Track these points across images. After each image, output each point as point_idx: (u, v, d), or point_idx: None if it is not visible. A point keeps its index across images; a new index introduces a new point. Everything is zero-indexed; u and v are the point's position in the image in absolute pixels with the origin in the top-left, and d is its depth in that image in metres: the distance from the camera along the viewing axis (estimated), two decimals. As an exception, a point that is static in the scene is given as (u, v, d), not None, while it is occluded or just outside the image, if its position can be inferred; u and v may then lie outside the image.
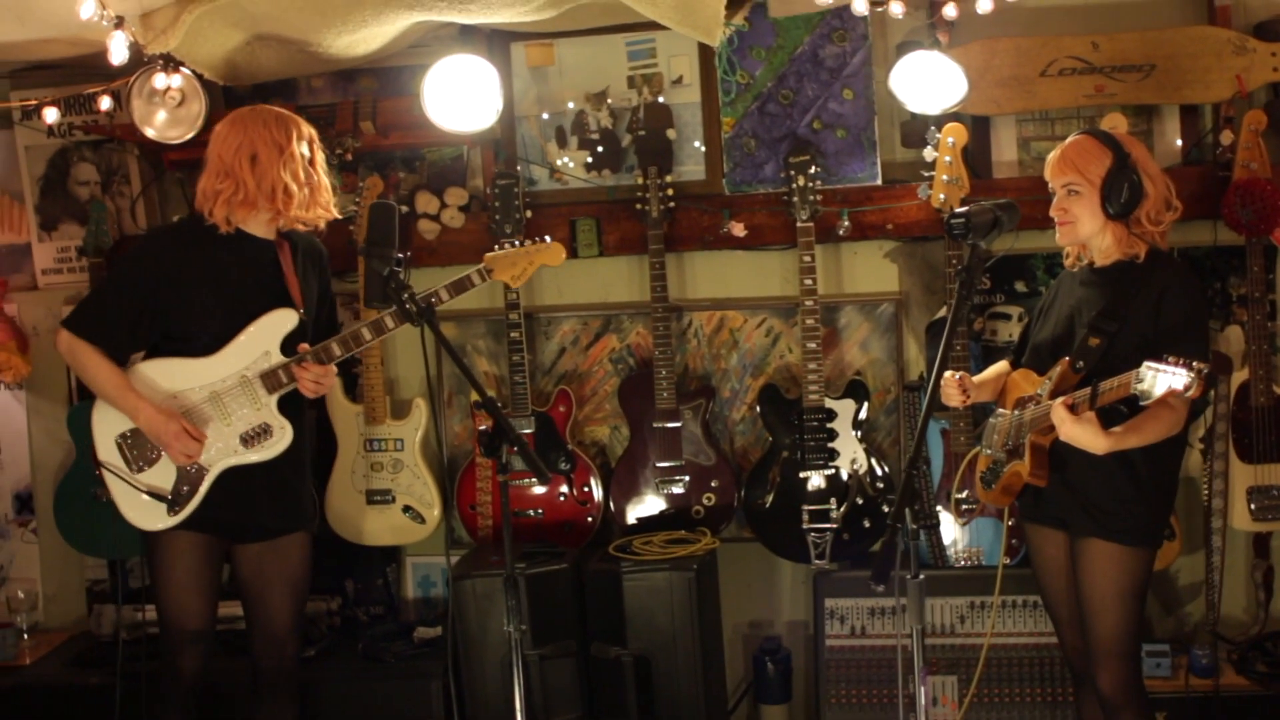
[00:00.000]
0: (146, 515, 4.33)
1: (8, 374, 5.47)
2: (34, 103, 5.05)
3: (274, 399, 4.32)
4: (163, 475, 4.32)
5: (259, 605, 4.48)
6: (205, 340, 4.31)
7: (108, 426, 4.37)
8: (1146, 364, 3.51)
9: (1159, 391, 3.47)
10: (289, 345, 4.34)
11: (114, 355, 4.30)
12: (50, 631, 5.77)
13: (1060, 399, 3.83)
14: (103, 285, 4.39)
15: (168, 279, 4.29)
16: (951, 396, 4.16)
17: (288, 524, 4.46)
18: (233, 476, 4.33)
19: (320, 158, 4.43)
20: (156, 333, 4.33)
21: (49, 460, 5.74)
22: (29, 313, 5.64)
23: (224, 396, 4.30)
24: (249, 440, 4.32)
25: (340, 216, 4.56)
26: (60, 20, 4.22)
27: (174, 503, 4.30)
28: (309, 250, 4.54)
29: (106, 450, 4.38)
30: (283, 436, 4.34)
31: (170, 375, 4.32)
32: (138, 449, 4.34)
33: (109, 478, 4.37)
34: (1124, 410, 3.83)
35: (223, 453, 4.31)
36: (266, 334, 4.32)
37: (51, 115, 4.98)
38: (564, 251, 4.71)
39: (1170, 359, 3.46)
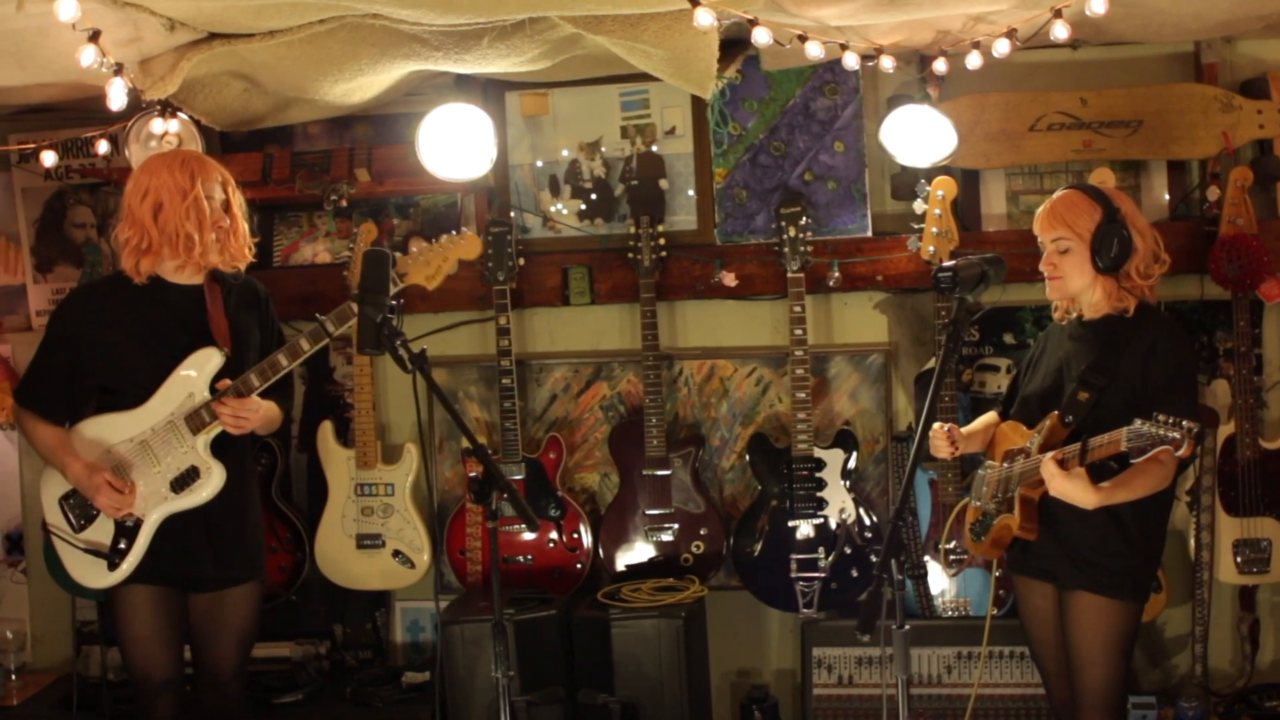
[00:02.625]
0: (89, 573, 4.35)
1: (0, 414, 5.47)
2: (32, 146, 5.08)
3: (200, 440, 4.30)
4: (101, 531, 4.33)
5: (204, 650, 4.48)
6: (135, 393, 4.32)
7: (52, 489, 4.41)
8: (1137, 421, 3.53)
9: (1150, 450, 3.50)
10: (217, 385, 4.32)
11: (54, 418, 4.34)
12: (38, 672, 5.76)
13: (1050, 454, 3.85)
14: (37, 351, 4.40)
15: (90, 336, 4.30)
16: (940, 448, 4.18)
17: (231, 574, 4.43)
18: (174, 527, 4.32)
19: (237, 200, 4.40)
20: (93, 389, 4.35)
21: (39, 504, 5.71)
22: (23, 353, 5.64)
23: (151, 443, 4.30)
24: (178, 485, 4.30)
25: (255, 259, 4.51)
26: (60, 65, 4.25)
27: (112, 558, 4.30)
28: (243, 291, 4.50)
29: (52, 513, 4.41)
30: (210, 478, 4.30)
31: (105, 430, 4.33)
32: (79, 508, 4.35)
33: (55, 540, 4.40)
34: (1113, 466, 3.84)
35: (154, 501, 4.30)
36: (191, 376, 4.31)
37: (49, 158, 5.01)
38: (479, 242, 4.70)
39: (1161, 417, 3.49)
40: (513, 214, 5.39)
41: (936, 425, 4.21)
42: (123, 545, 4.30)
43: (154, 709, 4.37)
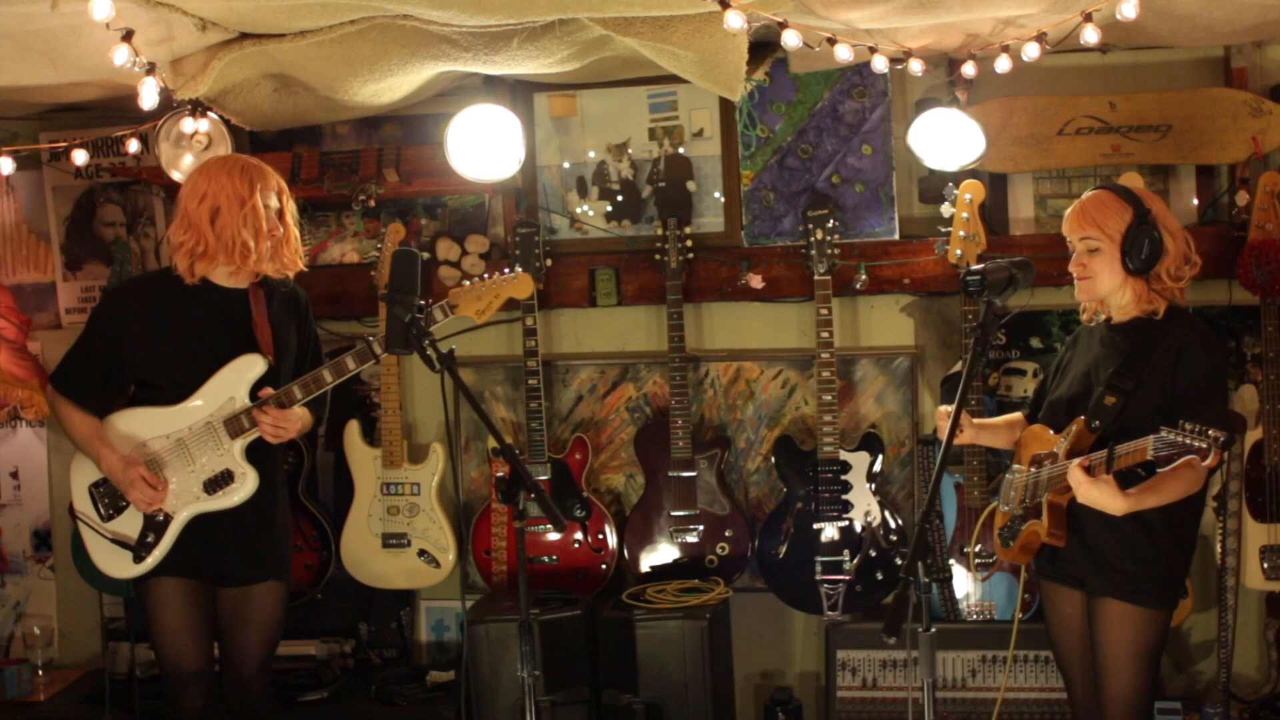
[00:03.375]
0: (114, 563, 4.39)
1: (30, 411, 5.49)
2: (63, 144, 5.10)
3: (237, 445, 4.33)
4: (130, 523, 4.37)
5: (230, 646, 4.52)
6: (174, 390, 4.35)
7: (83, 476, 4.44)
8: (1164, 429, 3.51)
9: (1176, 459, 3.48)
10: (258, 391, 4.35)
11: (90, 407, 4.37)
12: (65, 668, 5.79)
13: (1077, 460, 3.82)
14: (78, 339, 4.43)
15: (134, 331, 4.34)
16: (940, 428, 4.13)
17: (255, 574, 4.46)
18: (201, 524, 4.35)
19: (290, 208, 4.43)
20: (130, 383, 4.39)
21: (68, 497, 5.74)
22: (53, 351, 5.66)
23: (189, 442, 4.33)
24: (211, 486, 4.33)
25: (305, 269, 4.54)
26: (92, 65, 4.27)
27: (139, 550, 4.34)
28: (286, 298, 4.54)
29: (81, 499, 4.45)
30: (244, 483, 4.34)
31: (141, 424, 4.36)
32: (109, 497, 4.38)
33: (81, 526, 4.44)
34: (1140, 472, 3.81)
35: (186, 500, 4.33)
36: (232, 380, 4.34)
37: (80, 157, 5.03)
38: (531, 282, 4.73)
39: (1188, 426, 3.45)
40: (540, 215, 5.41)
41: (941, 408, 4.17)
42: (150, 539, 4.33)
43: (184, 699, 4.39)
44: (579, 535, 5.37)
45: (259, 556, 4.46)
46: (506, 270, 4.67)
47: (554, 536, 5.36)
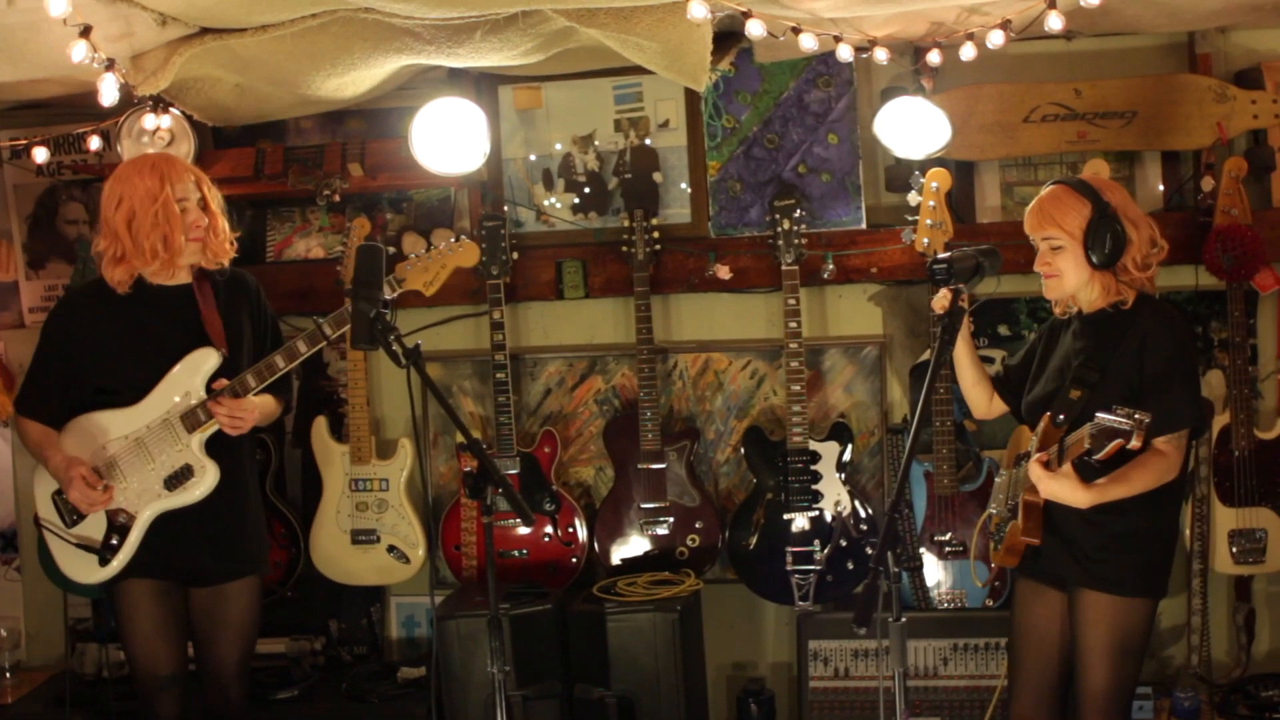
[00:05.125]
0: (80, 568, 4.37)
1: (-6, 413, 5.47)
2: (23, 142, 5.07)
3: (195, 439, 4.30)
4: (94, 527, 4.34)
5: (206, 649, 4.48)
6: (130, 393, 4.32)
7: (45, 484, 4.43)
8: (1098, 415, 3.51)
9: (1108, 445, 3.48)
10: (213, 384, 4.34)
11: (55, 425, 4.35)
12: (32, 670, 5.76)
13: (1036, 457, 3.83)
14: (32, 361, 4.42)
15: (82, 342, 4.31)
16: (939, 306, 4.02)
17: (230, 568, 4.44)
18: (169, 522, 4.33)
19: (215, 198, 4.39)
20: (89, 392, 4.35)
21: (34, 498, 5.71)
22: (16, 350, 5.63)
23: (146, 440, 4.30)
24: (171, 483, 4.31)
25: (236, 254, 4.50)
26: (52, 61, 4.23)
27: (104, 554, 4.31)
28: (233, 285, 4.50)
29: (44, 507, 4.43)
30: (204, 477, 4.31)
31: (98, 428, 4.34)
32: (69, 503, 4.35)
33: (46, 535, 4.42)
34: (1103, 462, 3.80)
35: (146, 497, 4.31)
36: (186, 375, 4.32)
37: (41, 154, 5.00)
38: (477, 250, 4.78)
39: (1118, 410, 3.45)
40: (506, 208, 5.39)
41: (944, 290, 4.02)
42: (114, 541, 4.30)
43: (158, 705, 4.37)
44: (549, 529, 5.36)
45: (232, 549, 4.44)
46: (456, 238, 4.70)
47: (524, 531, 5.34)
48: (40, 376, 4.37)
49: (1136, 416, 3.40)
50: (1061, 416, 3.87)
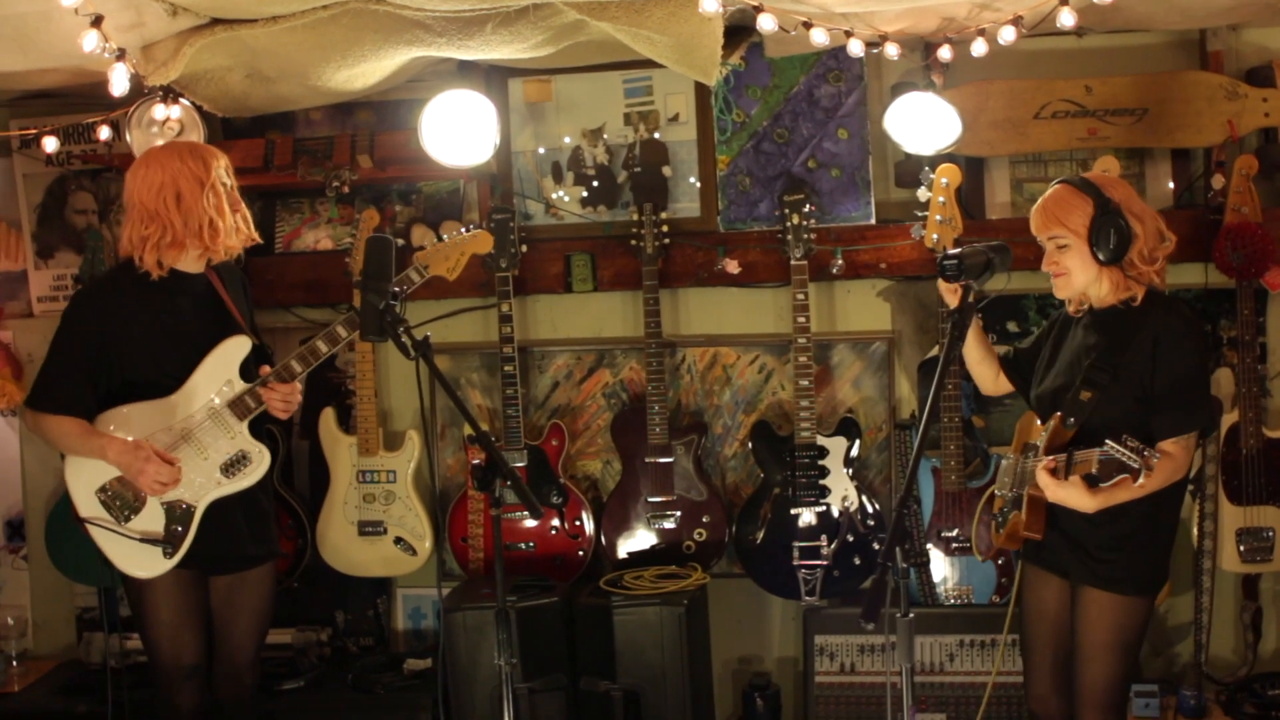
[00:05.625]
0: (143, 562, 4.29)
1: (1, 400, 5.46)
2: (33, 131, 5.07)
3: (245, 425, 4.33)
4: (152, 519, 4.29)
5: (224, 636, 4.49)
6: (165, 383, 4.30)
7: (84, 482, 4.30)
8: (1108, 443, 3.54)
9: (1113, 478, 3.54)
10: (246, 371, 4.35)
11: (88, 418, 4.26)
12: (39, 659, 5.76)
13: (1043, 463, 3.84)
14: (50, 355, 4.30)
15: (111, 332, 4.25)
16: (947, 300, 4.07)
17: (265, 551, 4.49)
18: (216, 509, 4.33)
19: (234, 184, 4.42)
20: (116, 383, 4.28)
21: (41, 488, 5.74)
22: (24, 340, 5.65)
23: (195, 432, 4.29)
24: (229, 470, 4.32)
25: (255, 242, 4.53)
26: (62, 51, 4.24)
27: (169, 544, 4.28)
28: (230, 275, 4.53)
29: (88, 506, 4.30)
30: (261, 461, 4.36)
31: (135, 421, 4.28)
32: (120, 499, 4.28)
33: (96, 533, 4.30)
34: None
35: (205, 486, 4.31)
36: (224, 364, 4.33)
37: (50, 144, 4.99)
38: (490, 238, 4.86)
39: (1129, 442, 3.49)
40: (515, 201, 5.39)
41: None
42: (179, 529, 4.28)
43: (179, 695, 4.36)
44: (556, 522, 5.36)
45: (267, 531, 4.51)
46: (466, 229, 4.76)
47: (531, 523, 5.34)
48: (69, 369, 4.24)
49: (1145, 454, 3.45)
50: (1072, 419, 3.88)
